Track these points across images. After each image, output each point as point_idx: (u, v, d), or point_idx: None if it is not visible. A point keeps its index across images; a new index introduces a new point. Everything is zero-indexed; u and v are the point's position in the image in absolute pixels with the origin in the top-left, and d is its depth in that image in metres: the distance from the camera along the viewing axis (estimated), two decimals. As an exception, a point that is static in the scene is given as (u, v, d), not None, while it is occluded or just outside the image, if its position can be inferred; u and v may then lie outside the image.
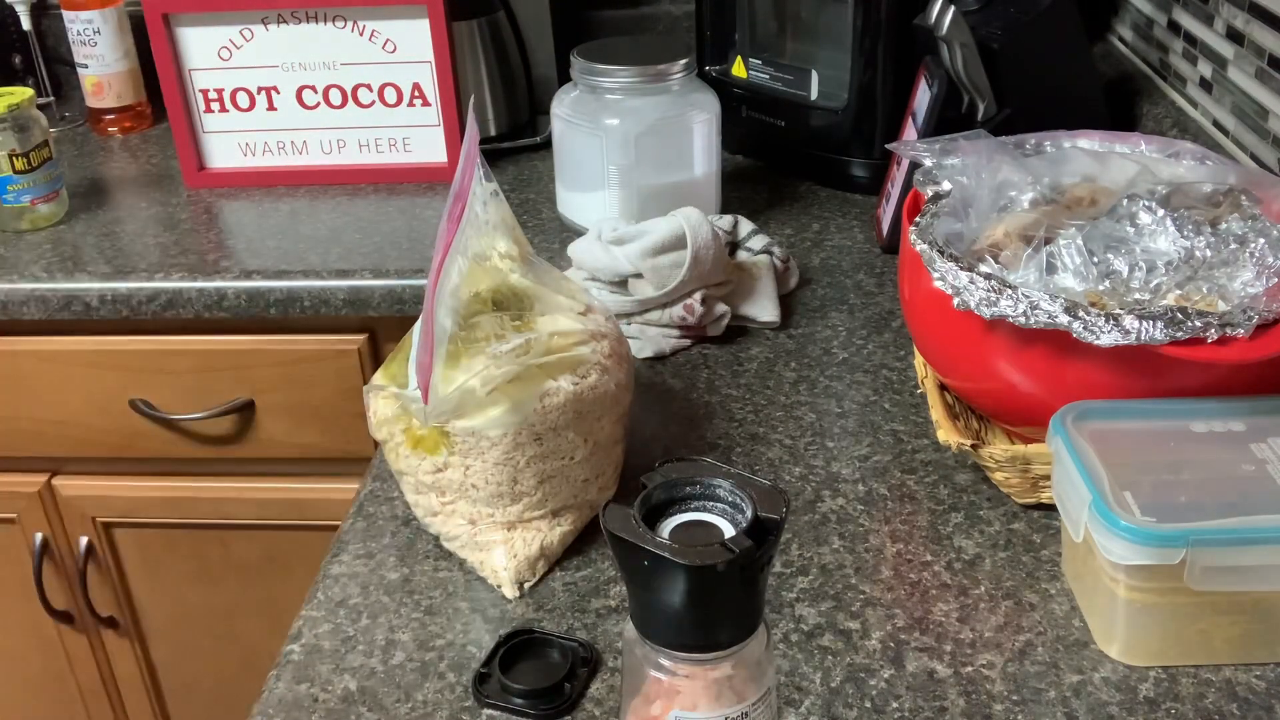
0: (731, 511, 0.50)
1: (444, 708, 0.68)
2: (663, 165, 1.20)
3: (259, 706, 0.69)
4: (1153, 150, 0.92)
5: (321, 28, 1.35)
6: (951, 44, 1.12)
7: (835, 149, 1.35)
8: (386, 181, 1.42)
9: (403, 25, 1.34)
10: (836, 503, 0.84)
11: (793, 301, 1.11)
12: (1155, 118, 1.31)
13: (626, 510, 0.48)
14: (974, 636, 0.71)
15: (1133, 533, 0.64)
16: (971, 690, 0.67)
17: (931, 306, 0.81)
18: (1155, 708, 0.66)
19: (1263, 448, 0.72)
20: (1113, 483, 0.68)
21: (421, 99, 1.38)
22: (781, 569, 0.77)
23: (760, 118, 1.39)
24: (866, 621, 0.73)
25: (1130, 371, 0.74)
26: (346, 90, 1.38)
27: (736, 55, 1.41)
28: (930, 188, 0.88)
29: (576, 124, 1.20)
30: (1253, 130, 1.11)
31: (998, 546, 0.79)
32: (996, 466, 0.81)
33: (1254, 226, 0.78)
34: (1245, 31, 1.12)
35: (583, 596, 0.76)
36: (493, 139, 1.50)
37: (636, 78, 1.16)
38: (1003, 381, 0.79)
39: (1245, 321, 0.71)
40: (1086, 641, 0.71)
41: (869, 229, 1.26)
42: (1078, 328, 0.71)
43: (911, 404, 0.95)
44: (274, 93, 1.38)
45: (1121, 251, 0.78)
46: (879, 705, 0.67)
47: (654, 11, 1.71)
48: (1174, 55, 1.33)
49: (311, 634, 0.74)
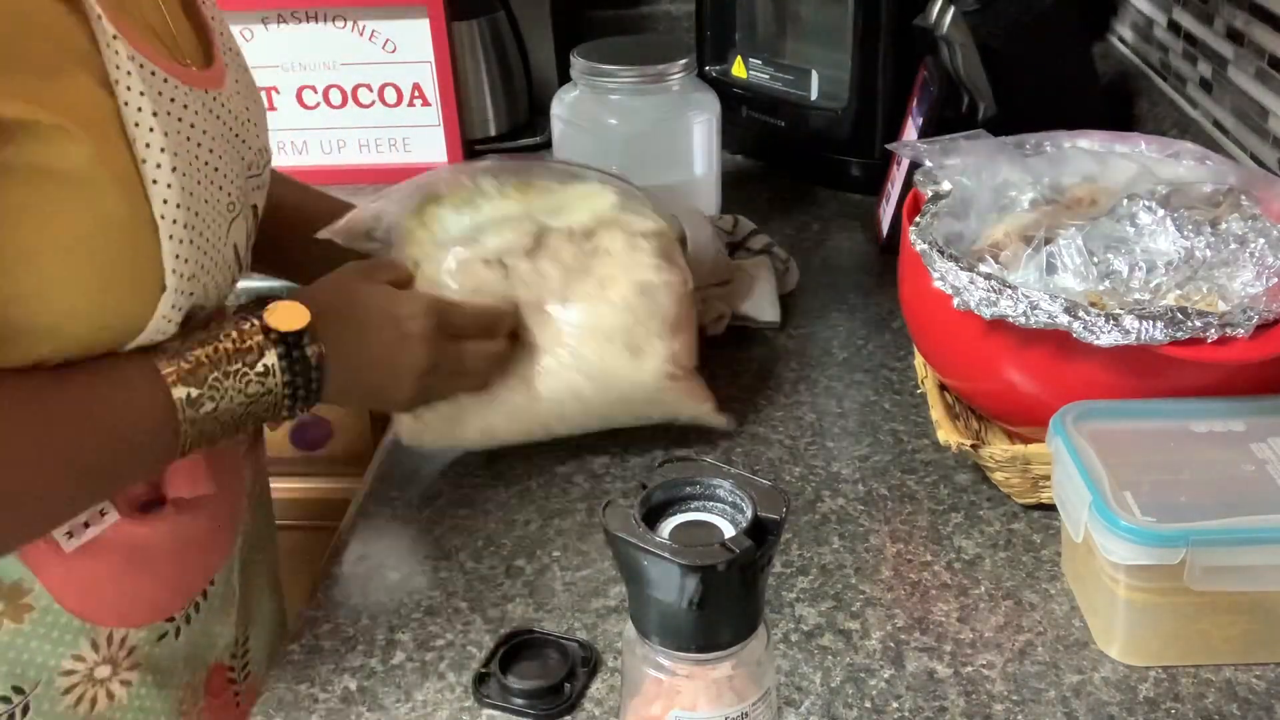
0: (731, 511, 0.50)
1: (444, 708, 0.68)
2: (663, 165, 1.20)
3: (259, 706, 0.69)
4: (1153, 150, 0.92)
5: (321, 28, 1.35)
6: (951, 44, 1.12)
7: (835, 149, 1.35)
8: (387, 181, 1.40)
9: (403, 25, 1.34)
10: (836, 503, 0.84)
11: (793, 301, 1.11)
12: (1155, 118, 1.31)
13: (626, 510, 0.48)
14: (974, 636, 0.71)
15: (1133, 533, 0.64)
16: (971, 690, 0.67)
17: (931, 306, 0.81)
18: (1155, 708, 0.66)
19: (1263, 448, 0.72)
20: (1113, 483, 0.68)
21: (421, 99, 1.38)
22: (781, 569, 0.77)
23: (760, 118, 1.39)
24: (866, 621, 0.73)
25: (1130, 371, 0.74)
26: (346, 90, 1.38)
27: (736, 55, 1.41)
28: (930, 188, 0.88)
29: (576, 124, 1.20)
30: (1253, 130, 1.11)
31: (998, 546, 0.79)
32: (996, 466, 0.81)
33: (1254, 226, 0.78)
34: (1245, 31, 1.12)
35: (583, 596, 0.76)
36: (493, 139, 1.50)
37: (636, 78, 1.16)
38: (1003, 381, 0.79)
39: (1245, 321, 0.71)
40: (1086, 641, 0.71)
41: (869, 229, 1.26)
42: (1078, 328, 0.71)
43: (911, 404, 0.95)
44: (274, 93, 1.38)
45: (1121, 251, 0.78)
46: (879, 705, 0.67)
47: (654, 11, 1.71)
48: (1174, 55, 1.33)
49: (311, 634, 0.74)
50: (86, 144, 0.58)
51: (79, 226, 0.59)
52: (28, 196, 0.57)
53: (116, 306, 0.62)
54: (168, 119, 0.62)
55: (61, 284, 0.60)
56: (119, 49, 0.59)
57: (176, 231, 0.62)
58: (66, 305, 0.60)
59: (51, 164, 0.57)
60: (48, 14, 0.57)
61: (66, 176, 0.58)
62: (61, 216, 0.58)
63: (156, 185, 0.61)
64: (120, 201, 0.60)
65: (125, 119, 0.60)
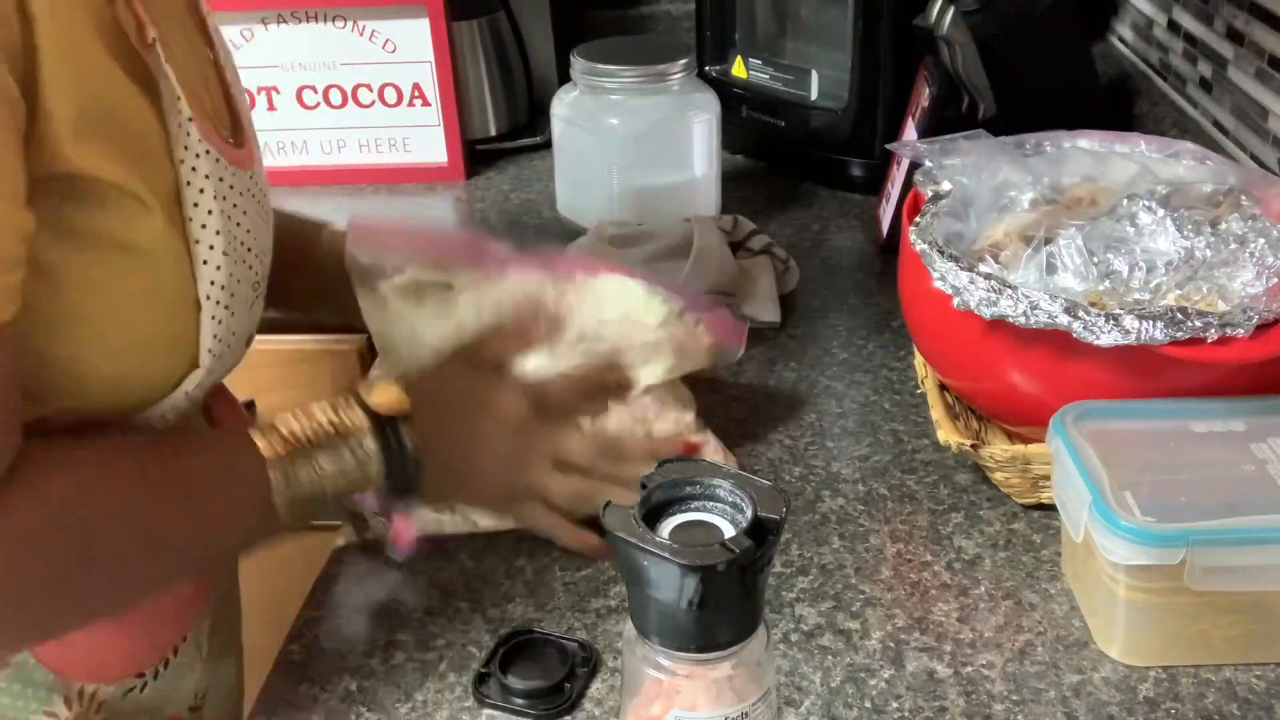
0: (731, 511, 0.50)
1: (444, 708, 0.68)
2: (663, 165, 1.20)
3: (259, 706, 0.69)
4: (1153, 150, 0.92)
5: (321, 28, 1.35)
6: (951, 44, 1.12)
7: (835, 149, 1.35)
8: (387, 181, 1.42)
9: (403, 25, 1.34)
10: (836, 503, 0.84)
11: (793, 301, 1.11)
12: (1155, 118, 1.31)
13: (627, 510, 0.48)
14: (974, 636, 0.71)
15: (1133, 533, 0.64)
16: (971, 690, 0.67)
17: (931, 306, 0.81)
18: (1155, 708, 0.66)
19: (1263, 448, 0.72)
20: (1113, 483, 0.68)
21: (421, 99, 1.38)
22: (781, 569, 0.77)
23: (760, 118, 1.39)
24: (866, 621, 0.73)
25: (1130, 371, 0.74)
26: (346, 90, 1.38)
27: (736, 55, 1.41)
28: (930, 188, 0.88)
29: (576, 124, 1.20)
30: (1253, 130, 1.11)
31: (998, 546, 0.79)
32: (996, 466, 0.81)
33: (1254, 226, 0.78)
34: (1245, 31, 1.12)
35: (583, 596, 0.76)
36: (493, 139, 1.50)
37: (636, 78, 1.16)
38: (1003, 381, 0.79)
39: (1245, 321, 0.71)
40: (1086, 641, 0.71)
41: (869, 229, 1.26)
42: (1078, 328, 0.71)
43: (911, 404, 0.95)
44: (274, 93, 1.38)
45: (1121, 251, 0.78)
46: (879, 705, 0.67)
47: (654, 11, 1.71)
48: (1174, 55, 1.33)
49: (311, 634, 0.74)
50: (158, 218, 0.58)
51: (135, 298, 0.59)
52: (101, 264, 0.57)
53: (147, 378, 0.62)
54: (222, 201, 0.63)
55: (107, 352, 0.60)
56: (190, 131, 0.60)
57: (218, 312, 0.63)
58: (104, 372, 0.60)
59: (125, 235, 0.57)
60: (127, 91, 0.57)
61: (134, 248, 0.58)
62: (124, 286, 0.59)
63: (206, 265, 0.62)
64: (172, 278, 0.61)
65: (185, 198, 0.60)
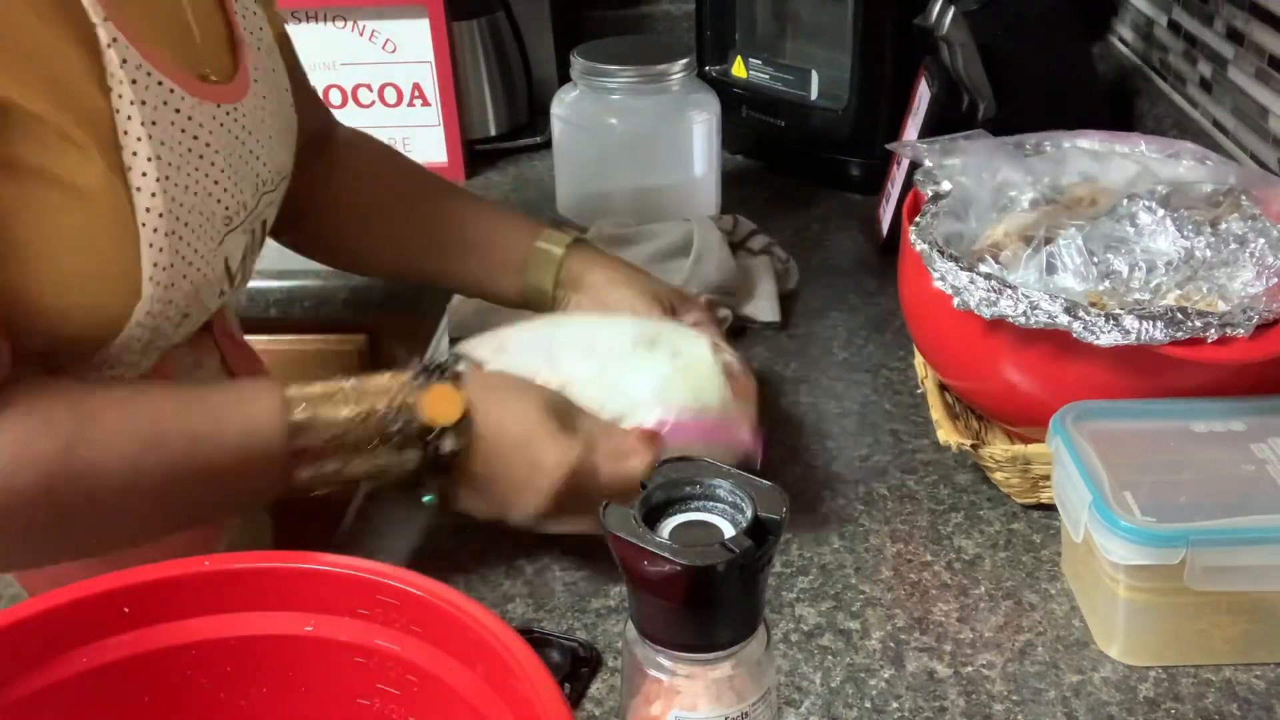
0: (731, 511, 0.49)
1: (444, 708, 0.68)
2: (663, 165, 1.20)
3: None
4: (1153, 150, 0.92)
5: (321, 28, 1.35)
6: (951, 44, 1.12)
7: (835, 149, 1.35)
8: (386, 181, 1.41)
9: (403, 25, 1.34)
10: (836, 503, 0.84)
11: (793, 301, 1.11)
12: (1155, 118, 1.31)
13: (627, 510, 0.48)
14: (974, 636, 0.71)
15: (1133, 533, 0.64)
16: (971, 690, 0.67)
17: (931, 306, 0.81)
18: (1155, 708, 0.66)
19: (1263, 448, 0.72)
20: (1113, 483, 0.68)
21: (421, 99, 1.38)
22: (781, 569, 0.77)
23: (760, 118, 1.39)
24: (866, 621, 0.73)
25: (1130, 371, 0.74)
26: (346, 90, 1.38)
27: (736, 55, 1.41)
28: (930, 188, 0.88)
29: (576, 124, 1.20)
30: (1253, 130, 1.11)
31: (998, 546, 0.79)
32: (996, 466, 0.81)
33: (1254, 226, 0.78)
34: (1245, 31, 1.12)
35: (583, 596, 0.76)
36: (493, 139, 1.50)
37: (636, 78, 1.16)
38: (1003, 381, 0.79)
39: (1245, 321, 0.71)
40: (1086, 641, 0.71)
41: (869, 229, 1.26)
42: (1078, 328, 0.71)
43: (911, 404, 0.95)
44: (274, 93, 1.38)
45: (1121, 251, 0.78)
46: (879, 705, 0.67)
47: (654, 11, 1.71)
48: (1174, 55, 1.33)
49: (311, 634, 0.73)
50: (98, 163, 0.58)
51: (70, 228, 0.59)
52: (36, 196, 0.57)
53: (94, 309, 0.62)
54: (164, 128, 0.62)
55: (50, 282, 0.60)
56: (117, 54, 0.59)
57: (157, 240, 0.62)
58: (50, 303, 0.60)
59: (68, 178, 0.57)
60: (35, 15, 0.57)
61: (73, 189, 0.58)
62: (61, 219, 0.58)
63: (140, 193, 0.61)
64: (113, 210, 0.60)
65: (116, 124, 0.60)
